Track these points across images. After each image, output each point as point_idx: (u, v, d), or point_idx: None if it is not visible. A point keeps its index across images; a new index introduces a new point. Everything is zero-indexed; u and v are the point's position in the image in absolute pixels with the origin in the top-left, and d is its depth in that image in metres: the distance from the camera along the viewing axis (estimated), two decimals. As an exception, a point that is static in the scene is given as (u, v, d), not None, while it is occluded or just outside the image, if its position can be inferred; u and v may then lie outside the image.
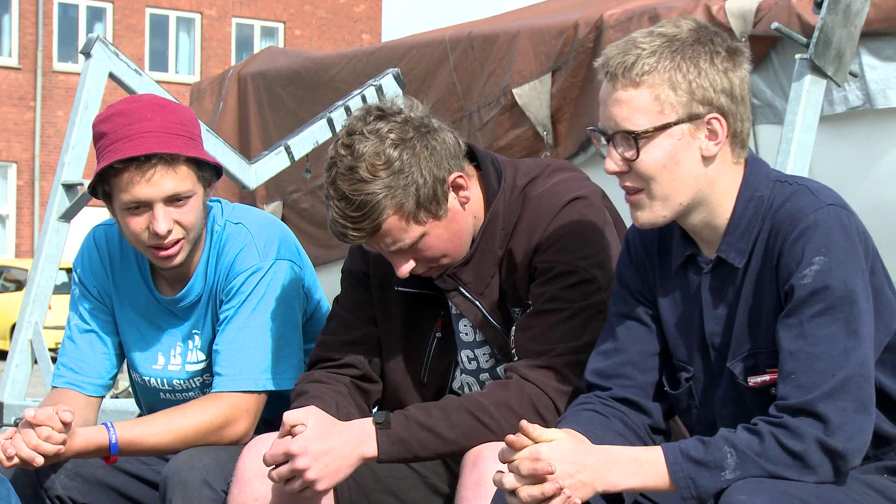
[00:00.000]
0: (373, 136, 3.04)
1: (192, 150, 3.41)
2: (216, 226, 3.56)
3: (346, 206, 3.03)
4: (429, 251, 3.12)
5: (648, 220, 2.76)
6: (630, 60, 2.70)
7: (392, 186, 3.03)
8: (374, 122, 3.06)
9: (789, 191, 2.74)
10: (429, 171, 3.06)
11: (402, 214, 3.05)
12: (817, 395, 2.59)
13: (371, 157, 3.02)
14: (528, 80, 7.18)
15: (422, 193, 3.05)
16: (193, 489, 3.28)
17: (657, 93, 2.69)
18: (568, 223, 3.12)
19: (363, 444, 3.02)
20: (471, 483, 2.97)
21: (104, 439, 3.36)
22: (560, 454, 2.59)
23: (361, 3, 36.32)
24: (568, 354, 3.06)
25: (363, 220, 3.03)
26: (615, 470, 2.61)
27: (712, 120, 2.71)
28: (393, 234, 3.07)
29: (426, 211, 3.07)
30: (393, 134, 3.04)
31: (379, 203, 3.02)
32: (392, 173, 3.03)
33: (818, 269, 2.63)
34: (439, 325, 3.27)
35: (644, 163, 2.70)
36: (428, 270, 3.17)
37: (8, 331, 20.50)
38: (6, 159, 32.14)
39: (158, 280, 3.62)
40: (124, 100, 3.48)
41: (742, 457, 2.58)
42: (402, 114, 3.08)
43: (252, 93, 9.02)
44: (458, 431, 3.03)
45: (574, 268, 3.09)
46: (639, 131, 2.69)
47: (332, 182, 3.05)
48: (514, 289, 3.17)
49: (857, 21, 5.05)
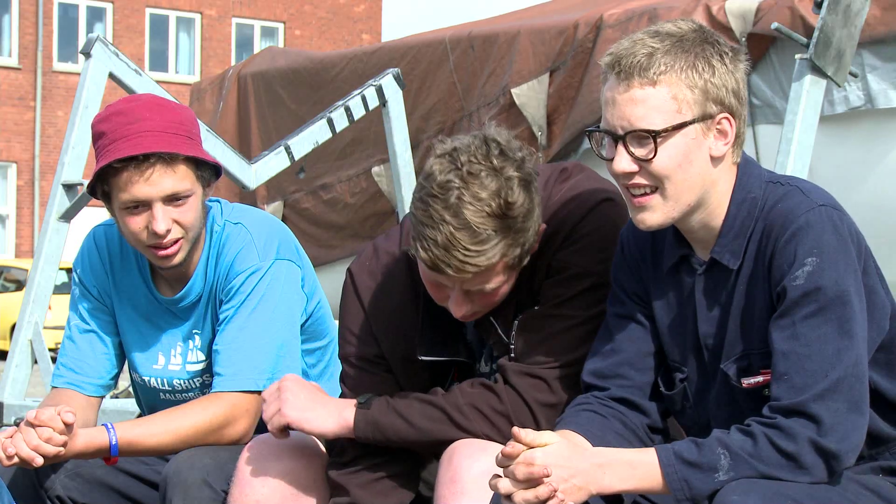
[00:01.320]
0: (500, 172, 2.89)
1: (191, 150, 3.40)
2: (216, 226, 3.56)
3: (467, 238, 2.86)
4: (496, 297, 3.01)
5: (657, 221, 2.74)
6: (645, 60, 2.66)
7: (511, 229, 2.89)
8: (499, 157, 2.91)
9: (781, 191, 2.74)
10: (537, 221, 2.97)
11: (508, 260, 2.93)
12: (810, 396, 2.59)
13: (504, 193, 2.88)
14: (527, 79, 7.19)
15: (527, 243, 2.95)
16: (193, 489, 3.29)
17: (675, 92, 2.67)
18: (595, 224, 3.06)
19: (343, 410, 3.08)
20: (446, 480, 2.97)
21: (104, 441, 3.36)
22: (554, 459, 2.59)
23: (361, 3, 36.33)
24: (564, 367, 3.03)
25: (479, 256, 2.88)
26: (609, 473, 2.62)
27: (723, 120, 2.70)
28: (488, 276, 2.93)
29: (520, 261, 2.97)
30: (518, 173, 2.91)
31: (498, 243, 2.89)
32: (515, 216, 2.89)
33: (810, 270, 2.63)
34: (456, 374, 3.25)
35: (660, 162, 2.68)
36: (472, 315, 3.05)
37: (8, 331, 20.52)
38: (6, 159, 32.14)
39: (158, 280, 3.62)
40: (123, 99, 3.48)
41: (735, 458, 2.58)
42: (520, 151, 2.95)
43: (252, 93, 9.02)
44: (429, 424, 3.03)
45: (589, 271, 3.04)
46: (658, 130, 2.67)
47: (450, 207, 2.86)
48: (530, 290, 3.11)
49: (857, 21, 5.05)
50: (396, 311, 3.18)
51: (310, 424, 3.09)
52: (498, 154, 2.91)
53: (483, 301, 3.00)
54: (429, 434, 3.04)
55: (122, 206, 3.41)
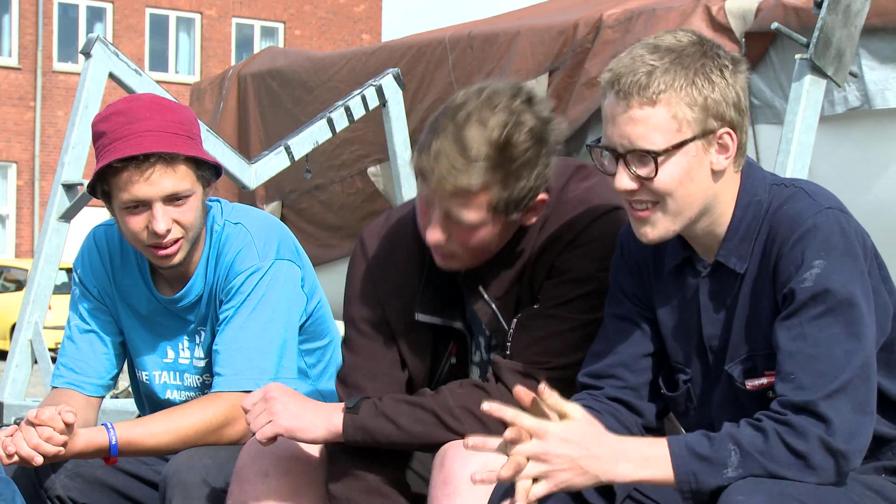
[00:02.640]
0: (517, 113, 2.93)
1: (191, 150, 3.41)
2: (216, 225, 3.56)
3: (457, 151, 2.91)
4: (473, 240, 3.02)
5: (658, 235, 2.73)
6: (644, 79, 2.65)
7: (503, 167, 2.93)
8: (523, 103, 2.96)
9: (786, 194, 2.74)
10: (536, 178, 2.97)
11: (490, 196, 2.95)
12: (819, 396, 2.58)
13: (509, 129, 2.91)
14: (526, 79, 7.18)
15: (517, 193, 2.96)
16: (193, 489, 3.29)
17: (674, 111, 2.65)
18: (602, 231, 3.05)
19: (331, 417, 3.06)
20: (439, 482, 2.97)
21: (104, 440, 3.36)
22: (572, 436, 2.56)
23: (361, 3, 36.33)
24: (558, 370, 3.02)
25: (461, 174, 2.91)
26: (622, 464, 2.59)
27: (724, 135, 2.69)
28: (467, 203, 2.95)
29: (505, 208, 2.98)
30: (533, 123, 2.95)
31: (485, 172, 2.92)
32: (512, 157, 2.92)
33: (818, 272, 2.62)
34: (454, 350, 3.25)
35: (661, 180, 2.67)
36: (447, 256, 3.06)
37: (8, 331, 20.52)
38: (6, 159, 32.15)
39: (158, 280, 3.62)
40: (123, 99, 3.48)
41: (745, 455, 2.57)
42: (547, 112, 2.99)
43: (252, 93, 9.02)
44: (419, 427, 3.03)
45: (591, 276, 3.04)
46: (659, 150, 2.66)
47: (456, 121, 2.92)
48: (531, 289, 3.12)
49: (857, 21, 5.06)
50: (401, 272, 3.18)
51: (302, 434, 3.07)
52: (524, 101, 2.96)
53: (461, 238, 3.00)
54: (418, 437, 3.04)
55: (122, 206, 3.41)
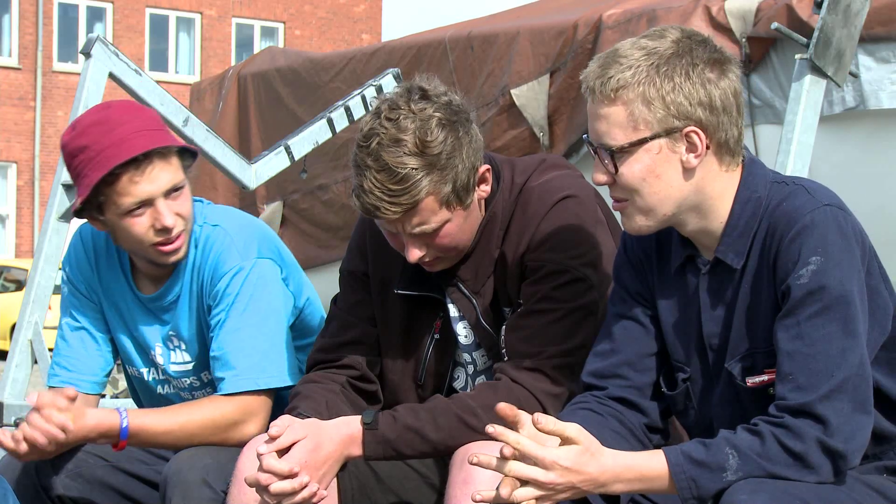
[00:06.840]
0: (419, 113, 3.01)
1: (178, 141, 3.47)
2: (195, 226, 3.57)
3: (388, 179, 2.99)
4: (446, 239, 3.09)
5: (634, 228, 2.79)
6: (606, 76, 2.70)
7: (434, 166, 3.01)
8: (420, 101, 3.04)
9: (786, 191, 2.75)
10: (468, 158, 3.05)
11: (438, 196, 3.03)
12: (816, 397, 2.59)
13: (420, 133, 2.99)
14: (527, 80, 7.18)
15: (459, 179, 3.04)
16: (193, 489, 3.29)
17: (631, 109, 2.69)
18: (558, 221, 3.12)
19: (350, 446, 3.05)
20: (459, 481, 2.98)
21: (115, 422, 3.36)
22: (570, 463, 2.56)
23: (361, 3, 36.33)
24: (558, 357, 3.06)
25: (402, 194, 3.00)
26: (623, 483, 2.62)
27: (690, 133, 2.71)
28: (423, 214, 3.04)
29: (457, 198, 3.06)
30: (439, 114, 3.02)
31: (420, 180, 2.99)
32: (436, 153, 3.01)
33: (815, 269, 2.63)
34: (438, 327, 3.27)
35: (624, 176, 2.72)
36: (433, 261, 3.14)
37: (8, 331, 20.51)
38: (6, 159, 32.14)
39: (139, 278, 3.63)
40: (90, 111, 3.48)
41: (744, 458, 2.58)
42: (445, 96, 3.07)
43: (252, 93, 9.02)
44: (444, 433, 3.05)
45: (564, 267, 3.09)
46: (615, 147, 2.71)
47: (371, 153, 3.00)
48: (506, 288, 3.17)
49: (856, 21, 5.06)
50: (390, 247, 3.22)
51: (332, 475, 3.06)
52: (419, 98, 3.03)
53: (437, 245, 3.09)
54: (444, 443, 3.05)
55: (123, 212, 3.41)
